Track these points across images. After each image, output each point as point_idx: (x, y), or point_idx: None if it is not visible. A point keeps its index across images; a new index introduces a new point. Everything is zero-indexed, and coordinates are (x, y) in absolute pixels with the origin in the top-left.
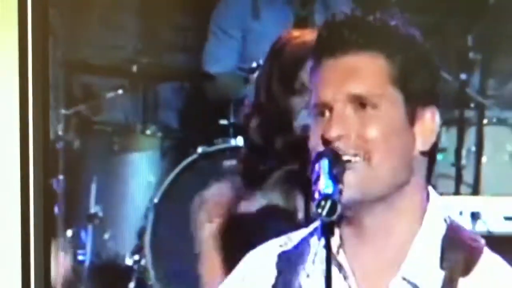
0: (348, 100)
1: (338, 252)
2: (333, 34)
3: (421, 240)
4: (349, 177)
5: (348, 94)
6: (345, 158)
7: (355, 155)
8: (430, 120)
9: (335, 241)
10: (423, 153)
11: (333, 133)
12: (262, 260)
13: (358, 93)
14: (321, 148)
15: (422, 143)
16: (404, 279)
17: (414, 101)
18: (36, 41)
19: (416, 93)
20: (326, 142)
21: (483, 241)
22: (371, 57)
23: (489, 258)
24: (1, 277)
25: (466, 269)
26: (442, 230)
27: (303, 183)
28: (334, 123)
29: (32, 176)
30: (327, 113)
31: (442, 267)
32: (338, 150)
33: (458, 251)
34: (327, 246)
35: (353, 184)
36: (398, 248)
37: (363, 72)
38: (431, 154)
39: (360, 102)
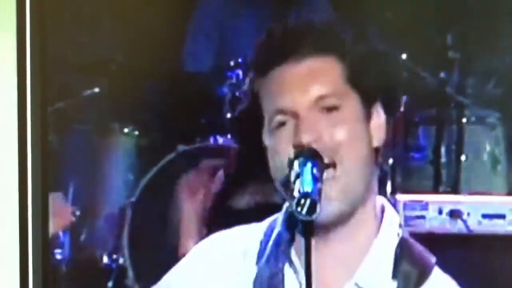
0: (312, 105)
1: (290, 250)
2: (285, 41)
3: (377, 250)
4: (331, 188)
5: (312, 98)
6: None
7: (332, 164)
8: (379, 115)
9: (277, 231)
10: (376, 151)
11: (306, 138)
12: (218, 250)
13: (323, 94)
14: (292, 155)
15: (376, 140)
16: (356, 285)
17: (367, 98)
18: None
19: (368, 90)
20: (301, 148)
21: (434, 259)
22: (325, 60)
23: (439, 275)
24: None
25: (418, 283)
26: (395, 242)
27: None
28: (304, 129)
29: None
30: (289, 121)
31: (394, 277)
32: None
33: (409, 265)
34: (307, 246)
35: (334, 197)
36: (354, 256)
37: (321, 75)
38: (381, 156)
39: (324, 106)
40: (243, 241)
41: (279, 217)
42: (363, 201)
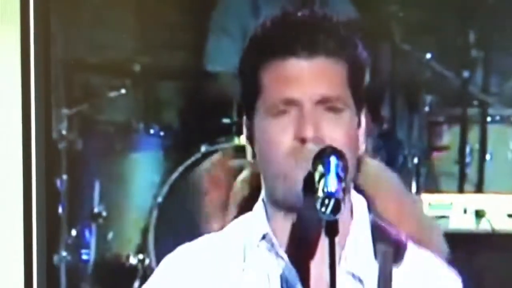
0: (317, 102)
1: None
2: (298, 34)
3: (355, 233)
4: None
5: (318, 96)
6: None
7: None
8: (363, 123)
9: (262, 228)
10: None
11: (310, 133)
12: (187, 261)
13: (331, 95)
14: (292, 146)
15: (361, 146)
16: (346, 272)
17: (359, 105)
18: (38, 41)
19: (361, 96)
20: (302, 141)
21: (404, 235)
22: (334, 61)
23: (415, 249)
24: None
25: (398, 260)
26: (368, 224)
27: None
28: (308, 122)
29: (35, 177)
30: (291, 111)
31: (375, 259)
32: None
33: (385, 244)
34: (331, 245)
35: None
36: (336, 243)
37: (330, 76)
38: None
39: (328, 106)
40: (218, 250)
41: (256, 213)
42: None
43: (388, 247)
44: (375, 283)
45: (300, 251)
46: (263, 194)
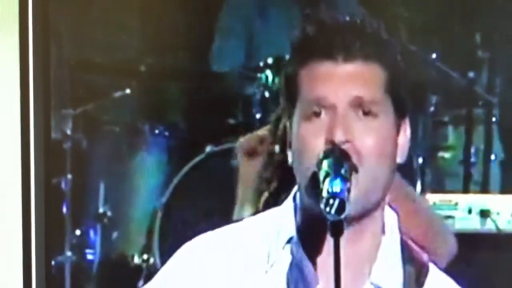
0: (351, 105)
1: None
2: (335, 38)
3: (386, 247)
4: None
5: (352, 97)
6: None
7: (355, 168)
8: (407, 131)
9: (289, 230)
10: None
11: (340, 136)
12: (206, 252)
13: (365, 97)
14: (323, 149)
15: (400, 155)
16: (373, 284)
17: (400, 111)
18: (37, 41)
19: (401, 103)
20: (333, 145)
21: (426, 257)
22: (371, 66)
23: (436, 273)
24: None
25: (419, 281)
26: (398, 240)
27: None
28: (340, 125)
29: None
30: (325, 114)
31: (404, 275)
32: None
33: (409, 264)
34: (336, 245)
35: (353, 195)
36: (366, 255)
37: (365, 79)
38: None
39: (362, 110)
40: (241, 241)
41: (286, 214)
42: (375, 206)
43: (413, 269)
44: None
45: (324, 258)
46: (293, 193)
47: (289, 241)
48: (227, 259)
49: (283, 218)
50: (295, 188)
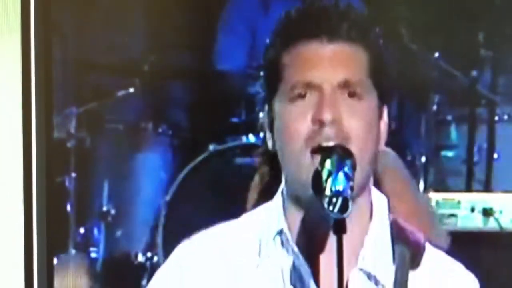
0: (338, 86)
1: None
2: (320, 19)
3: (374, 233)
4: None
5: (339, 78)
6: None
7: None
8: (385, 118)
9: (278, 223)
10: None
11: (328, 115)
12: (202, 250)
13: (350, 78)
14: (309, 131)
15: (382, 141)
16: (361, 270)
17: (381, 96)
18: (39, 40)
19: (383, 88)
20: (320, 124)
21: (423, 237)
22: (356, 48)
23: (433, 252)
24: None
25: (415, 263)
26: (388, 224)
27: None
28: (327, 105)
29: (35, 175)
30: (310, 95)
31: (393, 260)
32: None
33: (403, 245)
34: (339, 244)
35: None
36: (354, 242)
37: (351, 60)
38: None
39: (348, 91)
40: (236, 238)
41: (274, 207)
42: (359, 192)
43: (406, 250)
44: (390, 282)
45: (314, 248)
46: (282, 185)
47: (279, 233)
48: (222, 256)
49: (273, 210)
50: (283, 181)
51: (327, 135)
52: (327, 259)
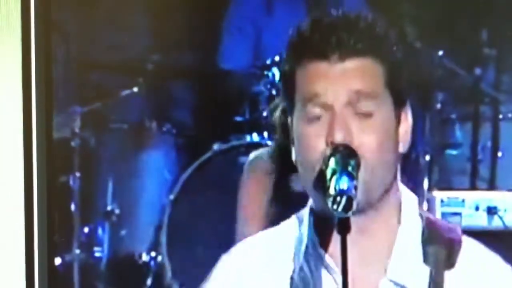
0: (348, 104)
1: (322, 252)
2: (328, 37)
3: (402, 239)
4: None
5: (350, 93)
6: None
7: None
8: (407, 120)
9: (305, 241)
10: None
11: (339, 137)
12: (246, 260)
13: (362, 90)
14: (323, 149)
15: (402, 145)
16: (391, 281)
17: (399, 102)
18: (39, 40)
19: (401, 94)
20: (332, 145)
21: (460, 231)
22: (367, 61)
23: (470, 248)
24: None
25: (450, 262)
26: (419, 225)
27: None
28: (338, 126)
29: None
30: (324, 116)
31: (425, 262)
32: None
33: (438, 245)
34: (343, 243)
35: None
36: (381, 249)
37: (362, 75)
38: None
39: (359, 111)
40: (272, 248)
41: (304, 218)
42: (379, 199)
43: (442, 249)
44: None
45: (344, 257)
46: (310, 202)
47: (307, 246)
48: (260, 268)
49: (304, 221)
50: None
51: None
52: (358, 266)
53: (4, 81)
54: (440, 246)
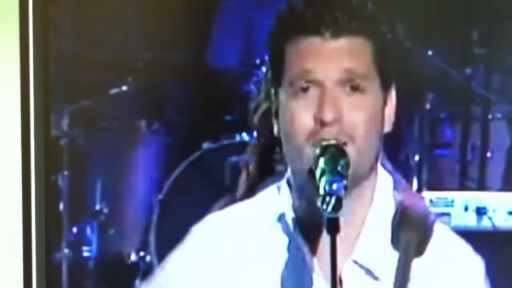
0: (339, 81)
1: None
2: (322, 14)
3: (372, 220)
4: None
5: (342, 71)
6: (332, 142)
7: (344, 143)
8: (392, 102)
9: (282, 208)
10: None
11: (329, 116)
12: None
13: (353, 69)
14: (311, 127)
15: (387, 125)
16: (355, 262)
17: (386, 83)
18: (38, 38)
19: (388, 75)
20: (321, 123)
21: (433, 216)
22: (359, 40)
23: (441, 236)
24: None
25: (419, 250)
26: (391, 208)
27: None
28: (328, 104)
29: (34, 174)
30: (312, 90)
31: (395, 247)
32: (339, 137)
33: (409, 231)
34: (333, 243)
35: None
36: (352, 231)
37: (353, 53)
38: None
39: (351, 85)
40: (246, 219)
41: (281, 193)
42: (365, 178)
43: (413, 235)
44: (388, 273)
45: (316, 236)
46: (288, 173)
47: (280, 218)
48: (230, 241)
49: (279, 199)
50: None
51: (328, 133)
52: (325, 248)
53: (3, 80)
54: (411, 233)
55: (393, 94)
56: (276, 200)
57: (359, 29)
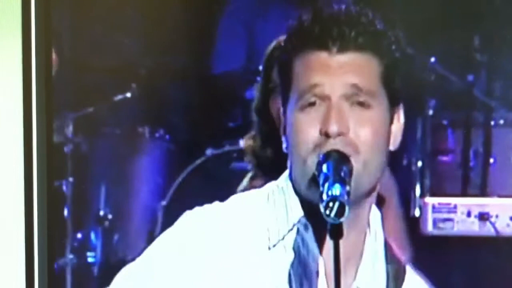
0: (345, 96)
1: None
2: (330, 29)
3: (371, 248)
4: None
5: (347, 86)
6: (335, 147)
7: (349, 156)
8: (399, 121)
9: (296, 213)
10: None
11: (334, 128)
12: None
13: (359, 84)
14: (316, 140)
15: (393, 143)
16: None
17: (394, 100)
18: (40, 43)
19: (396, 92)
20: (327, 136)
21: (404, 257)
22: (366, 57)
23: (411, 272)
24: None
25: (398, 281)
26: (382, 241)
27: None
28: (334, 117)
29: (36, 180)
30: (319, 104)
31: (386, 276)
32: (344, 150)
33: (394, 264)
34: (336, 248)
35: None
36: (353, 252)
37: (360, 69)
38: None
39: (357, 101)
40: (242, 210)
41: (286, 192)
42: (365, 198)
43: (395, 269)
44: None
45: (327, 243)
46: (287, 172)
47: (298, 221)
48: (229, 232)
49: (286, 197)
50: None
51: (333, 145)
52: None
53: (5, 84)
54: (395, 266)
55: (401, 113)
56: (281, 200)
57: (367, 45)
